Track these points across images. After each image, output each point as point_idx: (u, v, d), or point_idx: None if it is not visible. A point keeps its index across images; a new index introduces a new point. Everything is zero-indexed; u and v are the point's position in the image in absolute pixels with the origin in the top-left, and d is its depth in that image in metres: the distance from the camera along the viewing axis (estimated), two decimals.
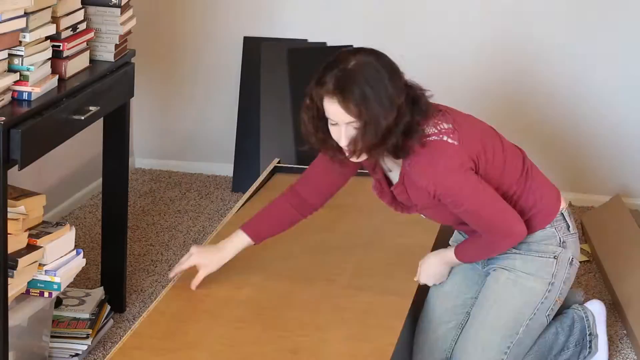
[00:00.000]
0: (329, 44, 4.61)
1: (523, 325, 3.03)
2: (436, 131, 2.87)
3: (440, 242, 3.49)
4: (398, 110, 2.74)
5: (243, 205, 3.61)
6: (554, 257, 3.05)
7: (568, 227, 3.08)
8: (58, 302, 3.31)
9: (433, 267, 3.12)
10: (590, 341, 3.24)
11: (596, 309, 3.27)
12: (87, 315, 3.28)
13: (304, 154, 4.46)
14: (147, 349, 2.71)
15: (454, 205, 2.89)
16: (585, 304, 3.28)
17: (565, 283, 3.09)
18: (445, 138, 2.87)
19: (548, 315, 3.08)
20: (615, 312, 3.62)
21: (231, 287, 3.04)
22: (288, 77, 4.54)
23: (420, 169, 2.85)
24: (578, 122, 4.54)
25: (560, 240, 3.06)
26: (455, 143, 2.88)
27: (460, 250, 3.07)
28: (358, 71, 2.73)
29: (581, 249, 4.09)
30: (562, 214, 3.07)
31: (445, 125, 2.89)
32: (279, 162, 4.03)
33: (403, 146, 2.81)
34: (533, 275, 3.04)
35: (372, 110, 2.71)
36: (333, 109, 2.73)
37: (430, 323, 3.14)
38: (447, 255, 3.10)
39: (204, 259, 3.00)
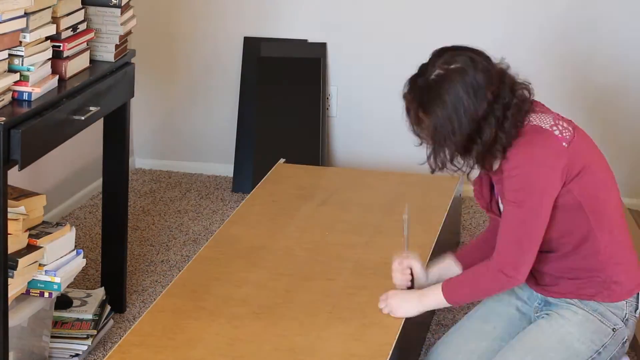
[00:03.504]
0: (329, 44, 4.61)
1: None
2: (551, 124, 2.73)
3: (441, 243, 3.50)
4: (478, 124, 2.65)
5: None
6: (613, 329, 2.80)
7: (636, 308, 2.84)
8: (68, 304, 3.31)
9: (405, 302, 2.89)
10: None
11: None
12: (90, 316, 3.28)
13: (304, 154, 4.49)
14: (146, 346, 2.72)
15: (506, 191, 2.72)
16: None
17: None
18: (556, 132, 2.72)
19: None
20: None
21: (230, 286, 3.05)
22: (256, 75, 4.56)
23: (517, 150, 2.70)
24: (578, 122, 4.54)
25: (625, 317, 2.82)
26: (564, 144, 2.71)
27: (448, 285, 2.82)
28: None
29: None
30: (638, 299, 2.84)
31: (565, 125, 2.74)
32: (284, 162, 4.05)
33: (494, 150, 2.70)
34: (585, 336, 2.79)
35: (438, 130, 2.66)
36: None
37: (445, 345, 2.91)
38: (427, 294, 2.85)
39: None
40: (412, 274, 2.93)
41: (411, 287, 2.93)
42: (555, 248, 2.80)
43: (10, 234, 2.76)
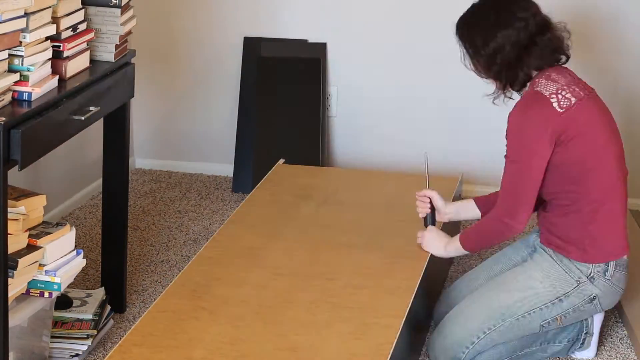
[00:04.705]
0: (329, 44, 4.61)
1: (512, 318, 3.10)
2: (552, 93, 3.03)
3: None
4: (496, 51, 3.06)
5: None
6: (576, 281, 3.10)
7: (605, 272, 3.11)
8: (68, 304, 3.31)
9: (434, 242, 3.29)
10: (584, 338, 3.28)
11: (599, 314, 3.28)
12: (90, 316, 3.28)
13: (303, 154, 4.49)
14: (147, 346, 2.72)
15: (506, 148, 3.05)
16: None
17: (575, 312, 3.14)
18: (552, 100, 3.01)
19: (543, 325, 3.13)
20: (615, 312, 3.62)
21: (230, 286, 3.05)
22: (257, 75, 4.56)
23: (515, 111, 3.06)
24: None
25: (590, 275, 3.10)
26: (558, 110, 3.00)
27: (463, 234, 3.22)
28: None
29: None
30: (607, 264, 3.10)
31: (567, 96, 3.04)
32: (284, 162, 4.05)
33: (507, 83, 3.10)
34: (548, 281, 3.11)
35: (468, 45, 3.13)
36: None
37: (461, 279, 3.40)
38: (451, 241, 3.26)
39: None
40: (432, 205, 3.37)
41: (432, 214, 3.37)
42: (548, 202, 3.13)
43: (10, 234, 2.76)
